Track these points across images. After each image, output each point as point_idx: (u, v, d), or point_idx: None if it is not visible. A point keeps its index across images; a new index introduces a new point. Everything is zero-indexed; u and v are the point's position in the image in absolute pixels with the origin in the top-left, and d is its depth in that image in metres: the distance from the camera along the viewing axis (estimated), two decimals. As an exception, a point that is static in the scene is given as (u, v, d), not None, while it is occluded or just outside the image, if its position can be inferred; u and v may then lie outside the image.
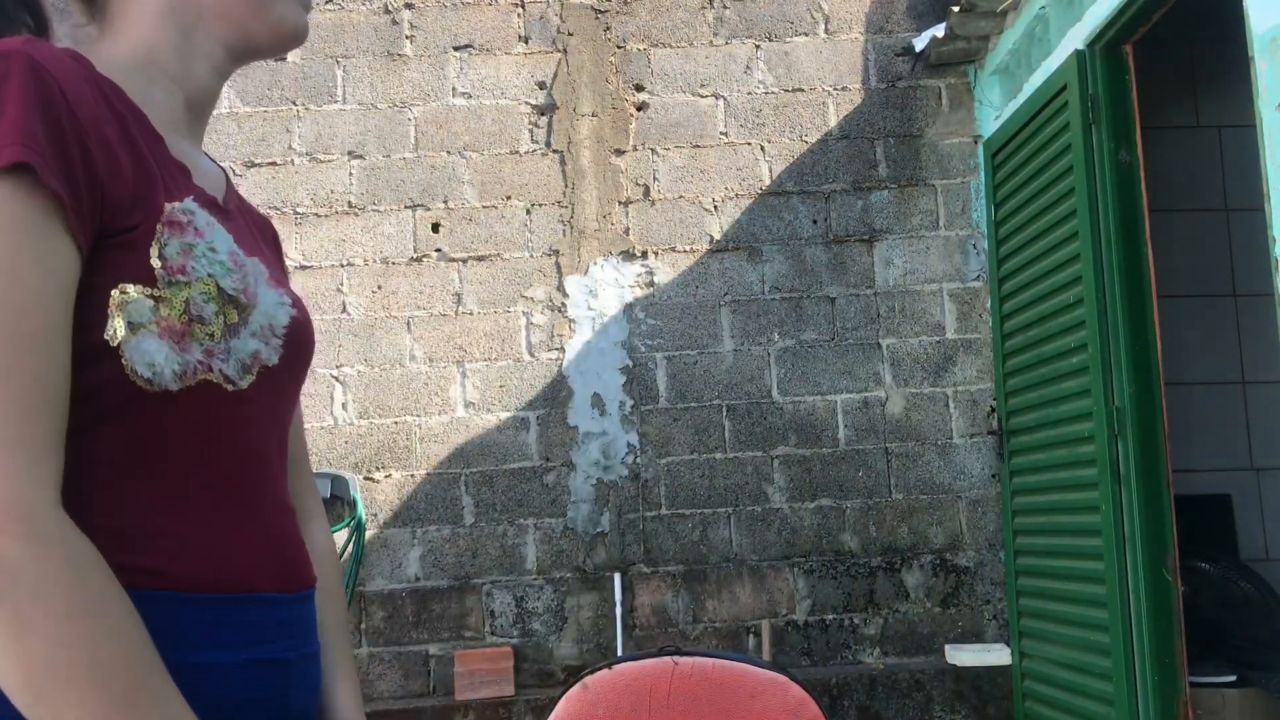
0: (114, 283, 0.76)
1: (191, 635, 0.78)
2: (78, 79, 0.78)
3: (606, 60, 4.22)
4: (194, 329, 0.79)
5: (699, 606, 3.97)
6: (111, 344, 0.76)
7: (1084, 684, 3.25)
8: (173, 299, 0.78)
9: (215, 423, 0.82)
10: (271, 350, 0.87)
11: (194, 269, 0.81)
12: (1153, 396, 3.08)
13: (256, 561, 0.84)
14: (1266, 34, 2.43)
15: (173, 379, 0.78)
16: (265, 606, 0.84)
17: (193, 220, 0.83)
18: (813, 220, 4.15)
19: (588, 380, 4.05)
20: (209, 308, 0.81)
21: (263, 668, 0.83)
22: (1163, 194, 4.16)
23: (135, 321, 0.76)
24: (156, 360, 0.77)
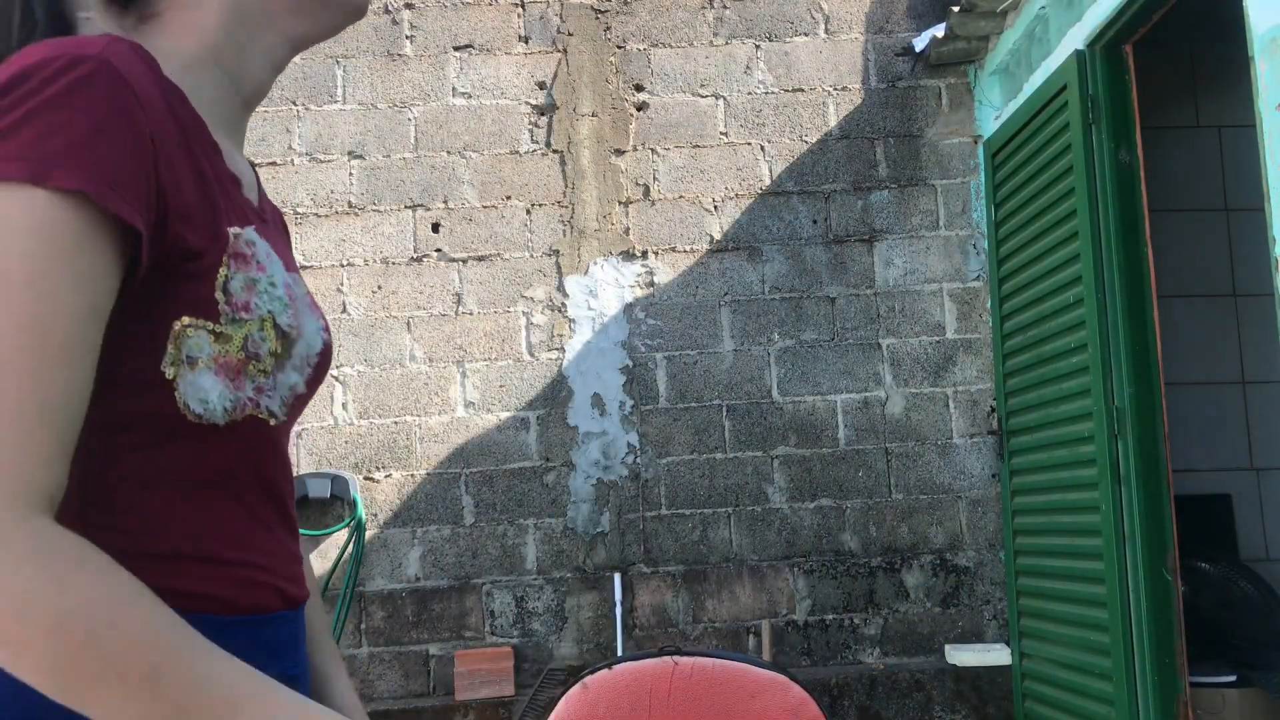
0: (176, 313, 0.75)
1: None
2: (151, 86, 0.75)
3: (606, 60, 4.22)
4: (249, 366, 0.79)
5: (699, 606, 3.97)
6: (167, 376, 0.75)
7: (1084, 684, 3.25)
8: (233, 336, 0.78)
9: (252, 453, 0.82)
10: (303, 379, 0.86)
11: (256, 305, 0.80)
12: (1153, 396, 3.08)
13: (274, 582, 0.85)
14: (1266, 34, 2.43)
15: (222, 415, 0.78)
16: (279, 624, 0.85)
17: (255, 253, 0.81)
18: (813, 220, 4.16)
19: (588, 380, 4.05)
20: (265, 345, 0.80)
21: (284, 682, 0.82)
22: (1163, 194, 4.16)
23: (193, 356, 0.76)
24: (210, 398, 0.77)
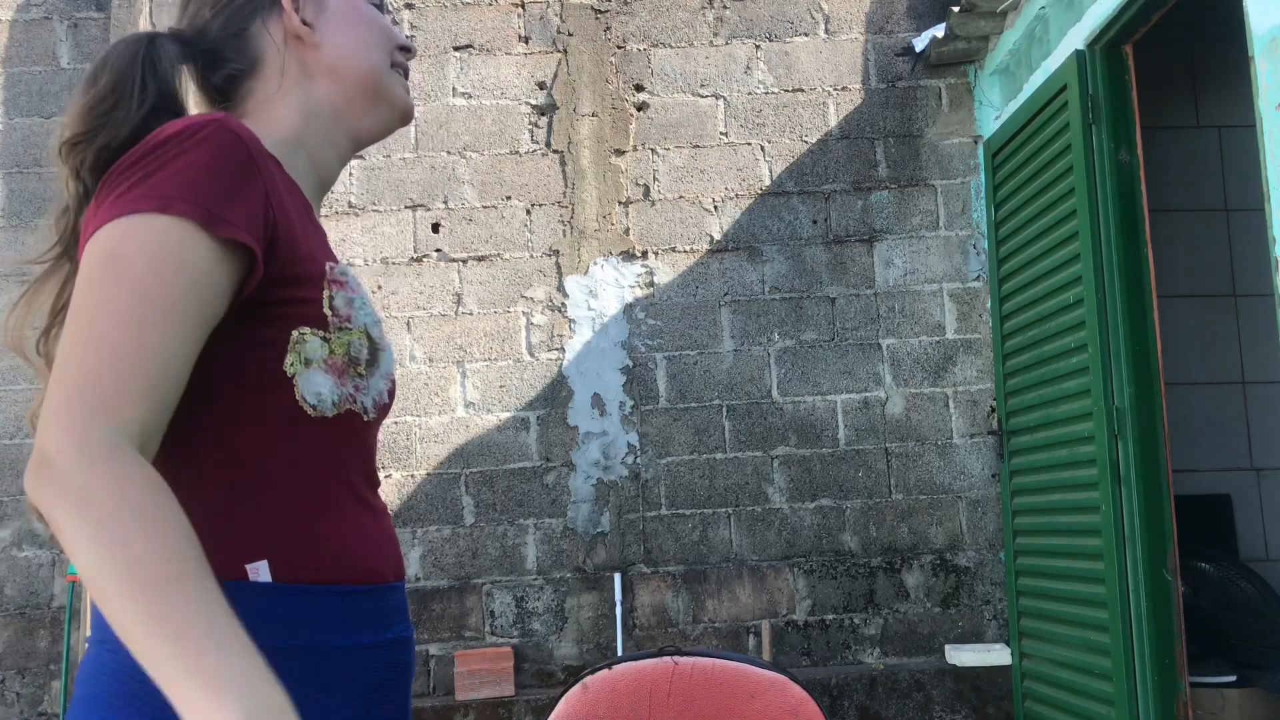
0: (294, 324, 0.93)
1: (348, 621, 0.95)
2: (260, 147, 0.95)
3: (606, 60, 4.22)
4: (350, 368, 0.98)
5: (699, 606, 3.97)
6: (288, 374, 0.93)
7: (1084, 684, 3.25)
8: (338, 341, 0.96)
9: (354, 445, 1.00)
10: (386, 389, 1.05)
11: (356, 318, 0.99)
12: (1153, 396, 3.08)
13: (384, 556, 1.01)
14: (1266, 34, 2.43)
15: (331, 407, 0.95)
16: (392, 594, 1.02)
17: (348, 279, 1.00)
18: (813, 220, 4.15)
19: (588, 380, 4.05)
20: (363, 352, 0.99)
21: (400, 645, 1.02)
22: (1163, 194, 4.16)
23: (309, 358, 0.94)
24: (323, 391, 0.95)
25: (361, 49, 1.10)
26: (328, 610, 0.93)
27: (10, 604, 3.88)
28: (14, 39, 4.16)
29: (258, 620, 0.84)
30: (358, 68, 1.10)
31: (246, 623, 0.80)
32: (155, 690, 0.76)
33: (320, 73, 1.09)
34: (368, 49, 1.10)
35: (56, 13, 4.19)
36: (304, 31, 1.08)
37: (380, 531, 1.02)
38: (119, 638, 0.77)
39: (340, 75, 1.09)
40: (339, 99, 1.09)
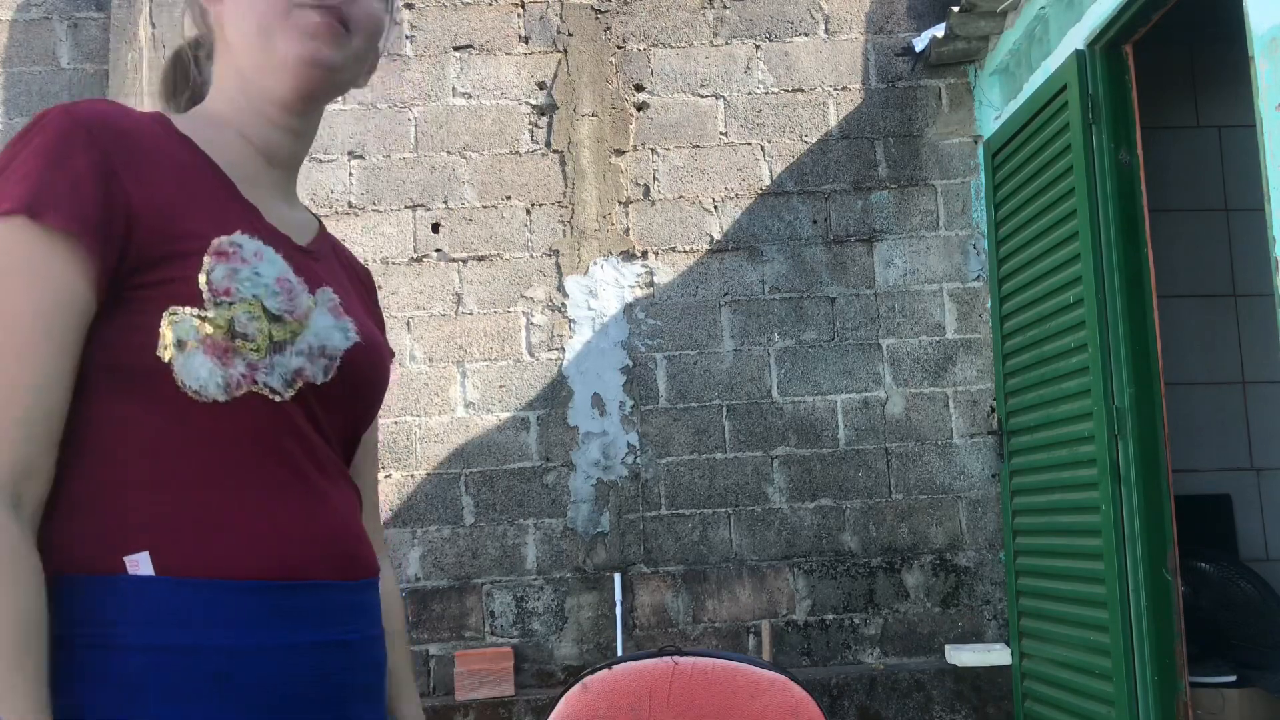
0: (165, 304, 0.86)
1: (251, 619, 0.86)
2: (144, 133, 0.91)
3: (606, 60, 4.22)
4: (238, 344, 0.87)
5: (699, 606, 3.97)
6: (164, 359, 0.85)
7: (1084, 684, 3.25)
8: (217, 318, 0.87)
9: (264, 429, 0.90)
10: (317, 369, 0.94)
11: (238, 290, 0.89)
12: (1153, 396, 3.08)
13: (314, 552, 0.92)
14: (1266, 34, 2.43)
15: (218, 390, 0.87)
16: (326, 593, 0.92)
17: (239, 250, 0.91)
18: (813, 220, 4.15)
19: (588, 380, 4.05)
20: (253, 325, 0.88)
21: (328, 649, 0.91)
22: (1163, 194, 4.16)
23: (182, 339, 0.86)
24: (201, 375, 0.86)
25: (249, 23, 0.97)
26: (224, 606, 0.85)
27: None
28: (14, 39, 4.16)
29: (133, 615, 0.82)
30: (246, 27, 0.97)
31: (122, 618, 0.81)
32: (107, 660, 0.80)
33: (229, 34, 0.99)
34: (253, 26, 0.96)
35: (56, 13, 4.19)
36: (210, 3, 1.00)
37: (314, 525, 0.92)
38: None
39: (237, 29, 0.98)
40: (244, 58, 0.98)
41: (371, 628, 0.99)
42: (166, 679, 0.81)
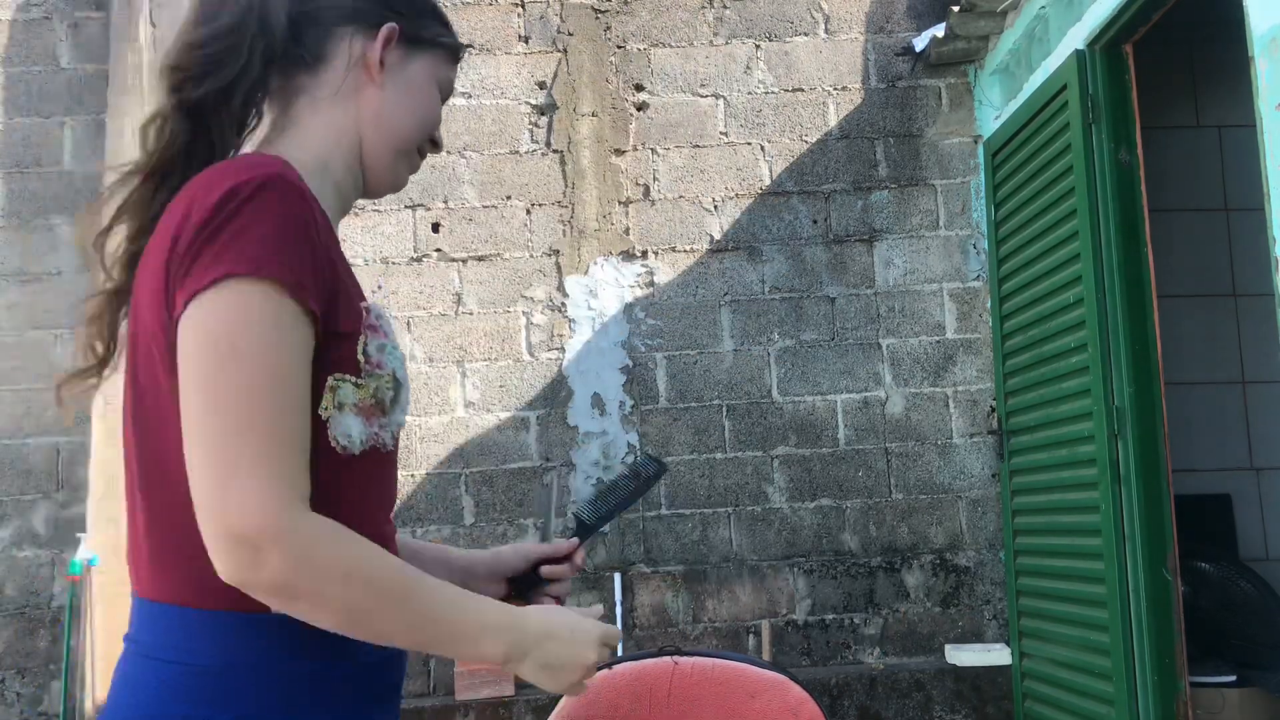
0: (331, 371, 0.98)
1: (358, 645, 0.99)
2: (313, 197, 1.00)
3: (606, 60, 4.22)
4: (377, 409, 1.02)
5: (699, 606, 3.97)
6: (323, 417, 0.98)
7: (1084, 684, 3.25)
8: (368, 386, 1.01)
9: (374, 476, 1.05)
10: (405, 416, 1.10)
11: (385, 363, 1.03)
12: (1153, 396, 3.08)
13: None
14: (1266, 34, 2.43)
15: (358, 446, 1.00)
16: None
17: (381, 323, 1.05)
18: (813, 220, 4.15)
19: (588, 380, 4.04)
20: (389, 393, 1.03)
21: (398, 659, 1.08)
22: (1163, 194, 4.16)
23: (342, 402, 0.99)
24: (352, 433, 0.99)
25: (406, 118, 1.14)
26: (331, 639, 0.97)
27: (10, 604, 3.88)
28: (14, 39, 4.16)
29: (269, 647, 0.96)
30: (393, 129, 1.13)
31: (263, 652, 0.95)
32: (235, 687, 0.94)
33: (367, 111, 1.12)
34: (410, 121, 1.15)
35: (56, 13, 4.19)
36: (375, 69, 1.11)
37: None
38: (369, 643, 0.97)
39: (378, 125, 1.12)
40: (367, 141, 1.13)
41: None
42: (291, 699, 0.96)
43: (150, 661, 0.96)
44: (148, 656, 0.97)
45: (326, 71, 1.10)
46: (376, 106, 1.12)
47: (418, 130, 1.16)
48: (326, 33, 1.10)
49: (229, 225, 0.91)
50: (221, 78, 1.05)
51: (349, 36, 1.11)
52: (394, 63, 1.13)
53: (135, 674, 0.97)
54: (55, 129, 4.12)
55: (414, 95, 1.15)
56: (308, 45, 1.09)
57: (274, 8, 1.07)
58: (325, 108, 1.10)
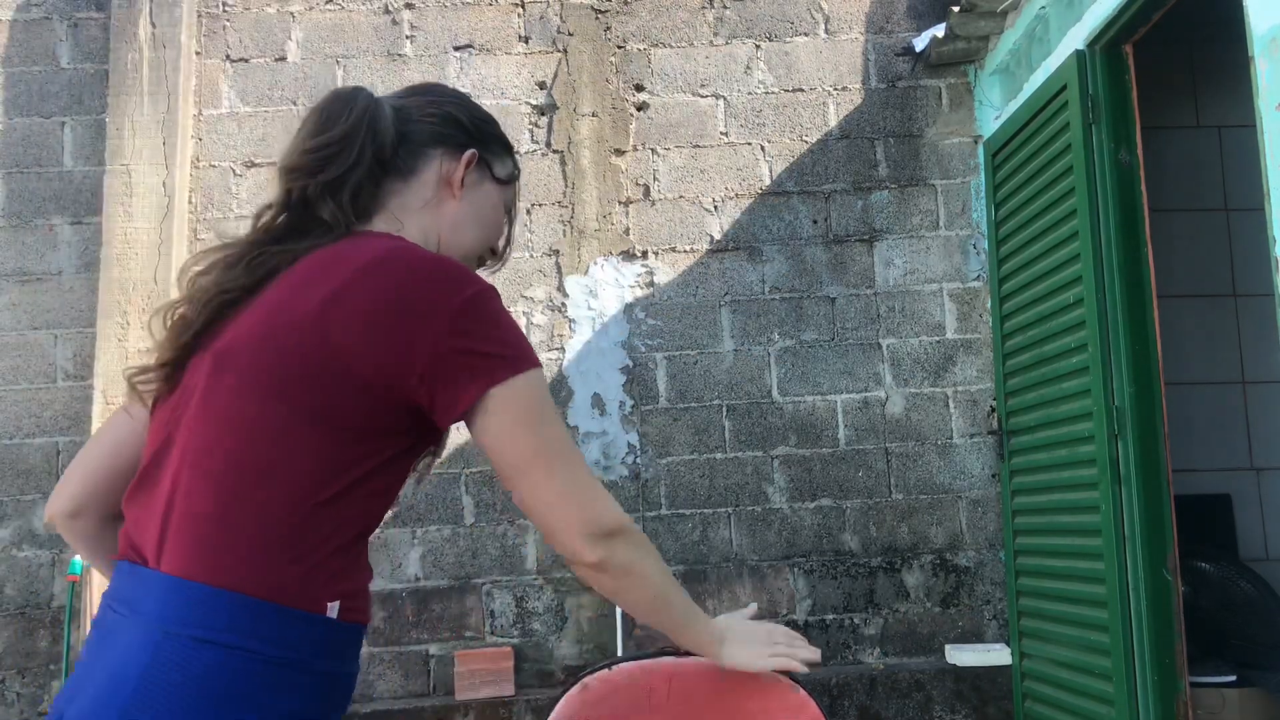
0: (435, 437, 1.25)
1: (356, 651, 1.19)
2: None
3: (606, 60, 4.22)
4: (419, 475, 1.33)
5: (699, 606, 3.96)
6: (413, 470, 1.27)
7: (1084, 684, 3.25)
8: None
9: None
10: None
11: None
12: (1153, 396, 3.08)
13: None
14: (1266, 34, 2.43)
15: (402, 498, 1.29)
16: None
17: None
18: (813, 220, 4.15)
19: (588, 380, 4.04)
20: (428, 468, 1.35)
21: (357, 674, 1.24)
22: (1163, 194, 4.16)
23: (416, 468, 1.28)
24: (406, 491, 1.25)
25: (477, 230, 1.38)
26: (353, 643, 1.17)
27: (10, 604, 3.88)
28: (14, 39, 4.16)
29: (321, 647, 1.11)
30: (465, 237, 1.36)
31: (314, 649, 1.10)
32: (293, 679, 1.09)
33: (446, 219, 1.33)
34: (479, 233, 1.38)
35: (56, 13, 4.19)
36: (457, 185, 1.33)
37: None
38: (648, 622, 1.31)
39: (455, 231, 1.34)
40: (444, 243, 1.34)
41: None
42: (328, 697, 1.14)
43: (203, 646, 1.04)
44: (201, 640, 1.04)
45: (416, 182, 1.31)
46: (454, 217, 1.34)
47: (484, 242, 1.40)
48: (420, 151, 1.31)
49: (489, 333, 1.16)
50: (331, 173, 1.23)
51: (439, 157, 1.32)
52: (471, 183, 1.35)
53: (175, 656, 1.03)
54: (55, 129, 4.12)
55: (484, 212, 1.38)
56: (403, 158, 1.29)
57: (383, 123, 1.27)
58: (416, 212, 1.31)
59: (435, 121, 1.32)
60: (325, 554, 1.11)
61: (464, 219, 1.35)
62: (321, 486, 1.10)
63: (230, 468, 1.09)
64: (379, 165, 1.27)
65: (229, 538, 1.07)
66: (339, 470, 1.12)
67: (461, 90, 1.74)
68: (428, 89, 1.37)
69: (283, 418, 1.10)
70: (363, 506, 1.15)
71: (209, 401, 1.12)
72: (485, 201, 1.38)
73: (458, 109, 1.35)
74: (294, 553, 1.09)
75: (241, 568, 1.07)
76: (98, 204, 4.01)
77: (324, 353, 1.11)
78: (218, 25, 4.20)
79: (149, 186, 3.95)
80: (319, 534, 1.11)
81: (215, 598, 1.05)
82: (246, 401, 1.11)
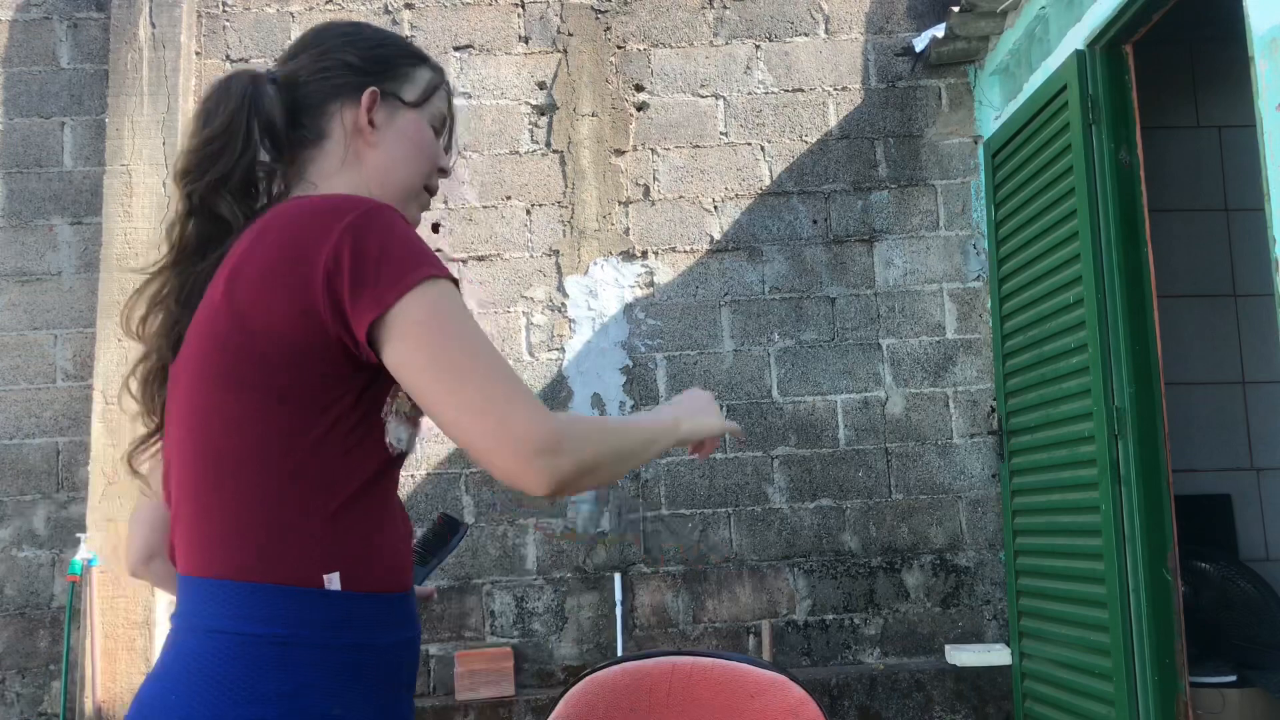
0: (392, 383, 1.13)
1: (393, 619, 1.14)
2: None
3: (606, 60, 4.22)
4: (414, 419, 1.18)
5: (699, 606, 3.97)
6: (384, 417, 1.14)
7: (1084, 684, 3.25)
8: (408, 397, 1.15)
9: (395, 478, 1.19)
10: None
11: None
12: (1153, 396, 3.08)
13: (408, 566, 1.19)
14: (1266, 34, 2.43)
15: (405, 448, 1.17)
16: (411, 598, 1.19)
17: None
18: (813, 220, 4.15)
19: (588, 380, 4.05)
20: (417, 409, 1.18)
21: (412, 643, 1.18)
22: (1163, 194, 4.16)
23: (399, 410, 1.15)
24: (402, 436, 1.16)
25: (404, 164, 1.28)
26: (378, 613, 1.12)
27: (10, 604, 3.88)
28: (14, 39, 4.16)
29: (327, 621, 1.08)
30: (395, 178, 1.27)
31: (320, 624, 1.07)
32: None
33: (372, 170, 1.26)
34: (410, 168, 1.28)
35: (56, 13, 4.19)
36: (367, 130, 1.25)
37: (408, 545, 1.20)
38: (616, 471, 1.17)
39: (384, 180, 1.26)
40: (376, 189, 1.26)
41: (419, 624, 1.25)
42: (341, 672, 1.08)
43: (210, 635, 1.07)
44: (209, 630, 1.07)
45: (329, 144, 1.25)
46: (377, 164, 1.26)
47: (419, 175, 1.30)
48: (320, 111, 1.25)
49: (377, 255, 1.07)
50: (220, 169, 1.19)
51: (339, 111, 1.25)
52: (384, 121, 1.26)
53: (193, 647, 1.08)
54: (55, 129, 4.12)
55: (408, 143, 1.28)
56: (308, 126, 1.24)
57: (265, 100, 1.21)
58: (337, 174, 1.24)
59: (326, 75, 1.25)
60: (312, 525, 1.08)
61: (389, 162, 1.27)
62: (284, 457, 1.08)
63: (202, 463, 1.11)
64: (279, 144, 1.23)
65: (215, 529, 1.09)
66: (294, 435, 1.08)
67: (457, 87, 1.75)
68: (313, 39, 1.29)
69: (230, 401, 1.09)
70: (341, 467, 1.10)
71: (175, 412, 1.16)
72: (407, 132, 1.28)
73: (346, 50, 1.26)
74: (276, 530, 1.07)
75: (231, 555, 1.08)
76: (98, 204, 4.01)
77: (238, 326, 1.09)
78: (218, 25, 4.21)
79: (149, 186, 3.95)
80: (297, 506, 1.08)
81: (216, 588, 1.08)
82: (199, 396, 1.11)
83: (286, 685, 1.04)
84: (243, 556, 1.07)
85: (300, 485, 1.08)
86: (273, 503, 1.08)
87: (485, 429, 1.05)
